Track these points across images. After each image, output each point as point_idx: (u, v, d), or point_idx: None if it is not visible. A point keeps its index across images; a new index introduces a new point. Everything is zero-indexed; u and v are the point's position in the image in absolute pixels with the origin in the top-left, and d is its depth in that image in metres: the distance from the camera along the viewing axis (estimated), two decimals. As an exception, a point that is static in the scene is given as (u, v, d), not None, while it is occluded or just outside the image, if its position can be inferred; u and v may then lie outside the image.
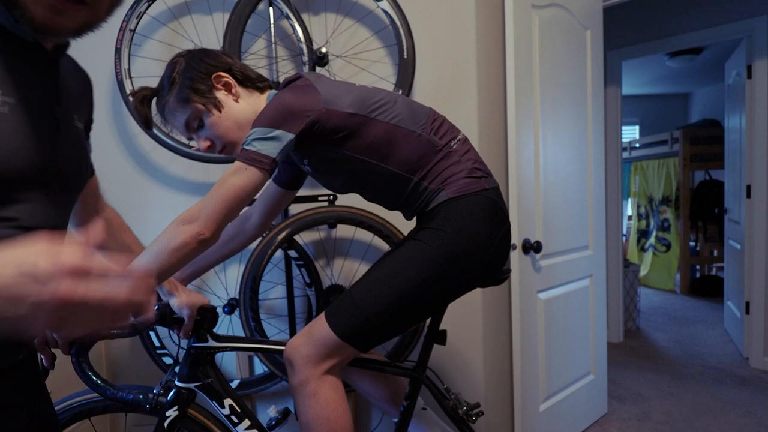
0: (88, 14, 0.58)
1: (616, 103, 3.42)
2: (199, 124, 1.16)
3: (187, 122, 1.17)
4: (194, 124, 1.17)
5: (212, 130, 1.16)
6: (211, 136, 1.17)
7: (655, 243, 5.24)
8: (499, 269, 1.20)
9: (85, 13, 0.57)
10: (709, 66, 4.91)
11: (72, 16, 0.56)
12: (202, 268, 1.37)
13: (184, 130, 1.19)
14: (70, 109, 0.72)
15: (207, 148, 1.18)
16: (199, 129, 1.17)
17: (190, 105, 1.14)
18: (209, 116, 1.15)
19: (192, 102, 1.14)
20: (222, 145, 1.18)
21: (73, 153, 0.72)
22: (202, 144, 1.18)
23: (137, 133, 1.87)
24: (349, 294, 1.12)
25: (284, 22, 1.81)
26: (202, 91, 1.14)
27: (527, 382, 1.90)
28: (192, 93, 1.14)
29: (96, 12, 0.58)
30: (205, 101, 1.15)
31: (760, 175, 2.93)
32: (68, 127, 0.71)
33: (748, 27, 2.97)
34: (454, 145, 1.18)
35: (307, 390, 1.10)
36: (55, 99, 0.68)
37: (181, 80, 1.15)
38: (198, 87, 1.14)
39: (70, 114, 0.72)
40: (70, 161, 0.71)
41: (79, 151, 0.75)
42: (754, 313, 3.01)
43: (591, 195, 2.26)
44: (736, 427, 2.27)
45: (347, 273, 1.89)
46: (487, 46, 1.87)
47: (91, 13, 0.58)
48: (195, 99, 1.14)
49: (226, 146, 1.19)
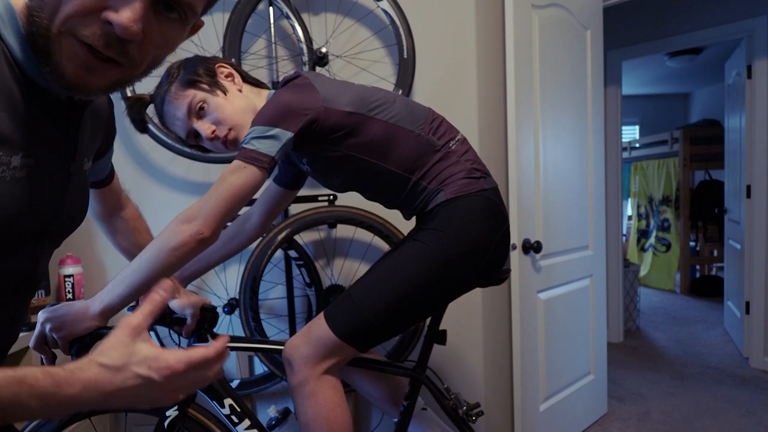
0: (121, 74, 0.55)
1: (616, 103, 3.42)
2: (202, 109, 1.13)
3: (189, 107, 1.13)
4: (197, 107, 1.13)
5: (217, 113, 1.13)
6: (216, 119, 1.14)
7: (655, 243, 5.24)
8: (498, 269, 1.20)
9: (119, 72, 0.54)
10: (709, 66, 4.91)
11: (104, 75, 0.54)
12: (202, 268, 1.36)
13: (185, 119, 1.15)
14: (81, 155, 0.70)
15: (212, 134, 1.14)
16: (202, 116, 1.14)
17: (195, 87, 1.13)
18: (214, 98, 1.14)
19: (197, 84, 1.13)
20: (227, 129, 1.14)
21: (77, 204, 0.71)
22: (206, 129, 1.14)
23: (137, 133, 1.86)
24: (349, 294, 1.12)
25: (284, 22, 1.81)
26: (207, 74, 1.15)
27: (527, 382, 1.90)
28: (197, 76, 1.14)
29: (131, 73, 0.56)
30: (210, 82, 1.14)
31: (760, 175, 2.93)
32: (78, 176, 0.69)
33: (748, 27, 2.97)
34: (452, 145, 1.18)
35: (306, 390, 1.10)
36: (73, 154, 0.66)
37: (184, 70, 1.15)
38: (203, 71, 1.15)
39: (81, 160, 0.70)
40: (73, 213, 0.70)
41: (83, 197, 0.74)
42: (754, 313, 3.00)
43: (591, 195, 2.26)
44: (736, 427, 2.27)
45: (347, 273, 1.89)
46: (487, 46, 1.87)
47: (126, 74, 0.55)
48: (200, 80, 1.13)
49: (232, 129, 1.15)
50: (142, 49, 0.53)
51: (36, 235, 0.63)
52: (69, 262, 1.80)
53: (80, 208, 0.73)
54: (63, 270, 1.78)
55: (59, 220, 0.67)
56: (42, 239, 0.65)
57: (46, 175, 0.61)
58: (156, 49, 0.55)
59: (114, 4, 0.49)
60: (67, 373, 0.49)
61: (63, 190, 0.66)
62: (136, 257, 0.97)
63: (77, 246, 1.89)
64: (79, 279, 1.80)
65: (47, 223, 0.64)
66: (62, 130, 0.63)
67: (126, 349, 0.53)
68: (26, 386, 0.46)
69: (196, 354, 0.55)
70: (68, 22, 0.49)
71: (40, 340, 0.99)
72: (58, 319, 0.97)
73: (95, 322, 0.98)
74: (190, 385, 0.56)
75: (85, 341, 0.99)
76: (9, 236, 0.58)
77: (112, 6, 0.49)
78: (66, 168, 0.65)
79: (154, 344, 0.55)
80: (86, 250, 1.90)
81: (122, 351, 0.53)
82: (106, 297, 0.96)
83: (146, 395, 0.53)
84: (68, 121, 0.64)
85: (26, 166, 0.56)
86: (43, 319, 0.97)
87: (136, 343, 0.54)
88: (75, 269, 1.80)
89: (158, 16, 0.52)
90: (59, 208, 0.65)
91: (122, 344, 0.53)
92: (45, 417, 0.51)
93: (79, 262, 1.83)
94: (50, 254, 0.71)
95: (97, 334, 1.00)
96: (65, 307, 0.98)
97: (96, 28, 0.50)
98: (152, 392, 0.53)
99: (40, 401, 0.47)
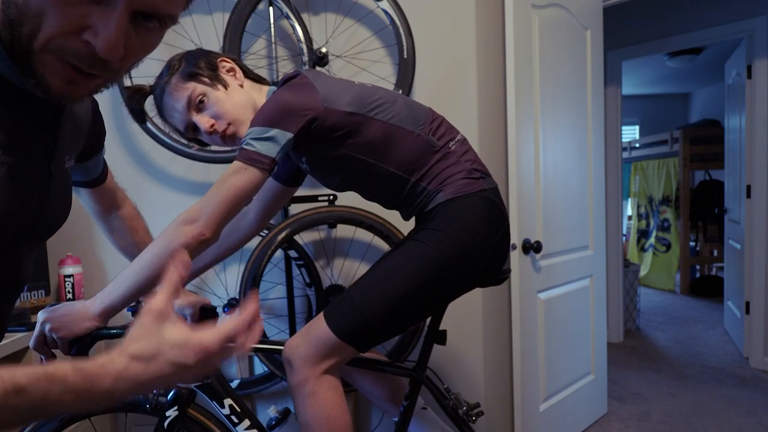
0: (103, 81, 0.56)
1: (616, 103, 3.42)
2: (202, 102, 1.13)
3: (189, 100, 1.13)
4: (197, 100, 1.13)
5: (217, 107, 1.13)
6: (216, 113, 1.13)
7: (655, 243, 5.24)
8: (498, 269, 1.20)
9: (101, 80, 0.55)
10: (709, 66, 4.91)
11: (88, 85, 0.54)
12: (199, 269, 1.35)
13: (184, 112, 1.14)
14: (62, 154, 0.69)
15: (210, 128, 1.13)
16: (202, 109, 1.14)
17: (196, 80, 1.13)
18: (215, 92, 1.13)
19: (198, 77, 1.13)
20: (226, 123, 1.14)
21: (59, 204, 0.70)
22: (205, 123, 1.13)
23: (137, 133, 1.87)
24: (349, 294, 1.12)
25: (284, 22, 1.81)
26: (209, 67, 1.14)
27: (527, 382, 1.90)
28: (198, 69, 1.13)
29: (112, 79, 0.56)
30: (211, 76, 1.14)
31: (760, 175, 2.93)
32: (59, 176, 0.68)
33: (748, 27, 2.97)
34: (452, 145, 1.18)
35: (306, 390, 1.09)
36: (52, 152, 0.65)
37: (186, 62, 1.15)
38: (205, 64, 1.14)
39: (61, 159, 0.69)
40: (55, 213, 0.69)
41: (65, 196, 0.73)
42: (754, 313, 3.01)
43: (591, 195, 2.26)
44: (736, 427, 2.27)
45: (347, 273, 1.89)
46: (487, 46, 1.87)
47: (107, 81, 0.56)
48: (201, 73, 1.13)
49: (231, 124, 1.14)
50: (123, 59, 0.53)
51: (18, 236, 0.62)
52: (69, 262, 1.80)
53: (62, 207, 0.72)
54: (63, 270, 1.78)
55: (41, 219, 0.66)
56: (24, 239, 0.64)
57: (27, 173, 0.60)
58: (135, 56, 0.55)
59: (94, 24, 0.48)
60: (97, 368, 0.49)
61: (44, 189, 0.65)
62: (137, 258, 0.97)
63: (77, 246, 1.89)
64: (79, 279, 1.80)
65: (29, 222, 0.63)
66: (41, 128, 0.62)
67: (155, 337, 0.52)
68: (57, 383, 0.46)
69: (228, 328, 0.54)
70: (51, 42, 0.49)
71: (40, 340, 0.99)
72: (58, 319, 0.97)
73: (95, 323, 0.98)
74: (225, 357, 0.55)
75: (85, 341, 0.99)
76: None
77: (92, 26, 0.48)
78: (46, 166, 0.64)
79: (182, 325, 0.54)
80: (86, 250, 1.91)
81: (152, 339, 0.52)
82: (106, 297, 0.96)
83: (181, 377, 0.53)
84: (47, 119, 0.63)
85: (5, 164, 0.56)
86: (43, 319, 0.97)
87: (164, 328, 0.52)
88: (75, 269, 1.80)
89: (137, 27, 0.52)
90: (41, 207, 0.65)
91: (150, 332, 0.52)
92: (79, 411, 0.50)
93: (79, 262, 1.83)
94: (33, 255, 0.70)
95: (97, 334, 1.00)
96: (65, 307, 0.98)
97: (79, 47, 0.49)
98: (188, 373, 0.53)
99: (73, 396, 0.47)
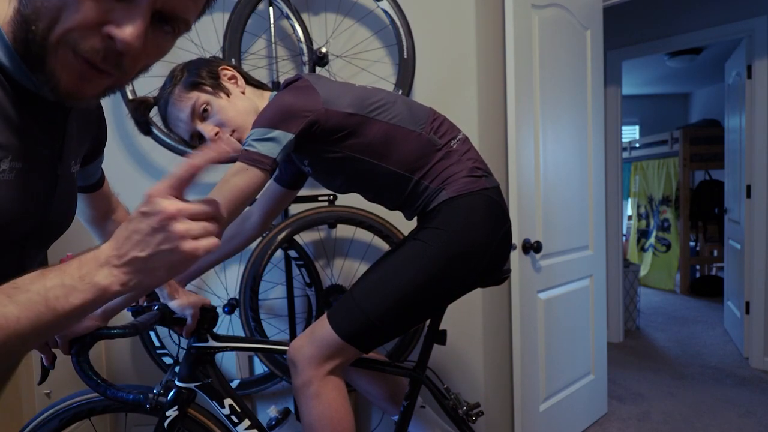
0: (113, 82, 0.56)
1: (616, 103, 3.42)
2: (206, 111, 1.15)
3: (193, 109, 1.15)
4: (201, 109, 1.15)
5: (221, 114, 1.15)
6: (220, 121, 1.15)
7: (655, 243, 5.24)
8: (499, 269, 1.20)
9: (110, 81, 0.55)
10: (709, 66, 4.91)
11: (98, 83, 0.54)
12: (201, 268, 1.36)
13: (189, 121, 1.16)
14: (69, 158, 0.69)
15: (215, 135, 1.15)
16: (206, 118, 1.16)
17: (199, 89, 1.14)
18: (218, 100, 1.15)
19: (201, 86, 1.14)
20: (231, 130, 1.16)
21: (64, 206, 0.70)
22: (209, 131, 1.15)
23: (137, 133, 1.86)
24: (351, 295, 1.12)
25: (284, 22, 1.81)
26: (210, 77, 1.16)
27: (527, 382, 1.90)
28: (200, 78, 1.15)
29: (122, 81, 0.56)
30: (213, 84, 1.15)
31: (760, 175, 2.93)
32: (65, 179, 0.69)
33: (748, 27, 2.97)
34: (454, 144, 1.18)
35: (310, 391, 1.10)
36: (59, 156, 0.65)
37: (187, 72, 1.16)
38: (206, 73, 1.16)
39: (68, 163, 0.69)
40: (60, 216, 0.69)
41: (71, 200, 0.73)
42: (754, 313, 3.01)
43: (591, 195, 2.26)
44: (736, 427, 2.27)
45: (347, 273, 1.89)
46: (487, 46, 1.87)
47: (117, 82, 0.56)
48: (203, 83, 1.15)
49: (236, 131, 1.16)
50: (136, 59, 0.53)
51: (23, 239, 0.62)
52: (69, 262, 1.79)
53: (68, 210, 0.72)
54: (63, 270, 1.78)
55: (47, 223, 0.66)
56: (29, 243, 0.64)
57: (35, 177, 0.60)
58: (147, 58, 0.55)
59: (116, 19, 0.49)
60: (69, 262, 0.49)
61: (51, 192, 0.65)
62: None
63: (77, 246, 1.88)
64: (79, 279, 1.80)
65: (35, 226, 0.63)
66: (49, 132, 0.62)
67: None
68: (29, 280, 0.47)
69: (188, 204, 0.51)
70: (68, 35, 0.49)
71: (39, 340, 0.99)
72: None
73: (95, 322, 0.98)
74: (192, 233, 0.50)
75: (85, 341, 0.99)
76: None
77: (114, 21, 0.49)
78: (53, 170, 0.65)
79: None
80: (86, 250, 1.90)
81: None
82: (106, 297, 0.96)
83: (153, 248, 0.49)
84: (55, 123, 0.63)
85: (15, 169, 0.56)
86: (44, 319, 0.97)
87: None
88: (75, 269, 1.79)
89: (154, 29, 0.53)
90: (47, 210, 0.65)
91: None
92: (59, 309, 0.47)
93: (79, 262, 1.82)
94: (38, 258, 0.70)
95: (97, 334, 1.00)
96: None
97: (95, 42, 0.50)
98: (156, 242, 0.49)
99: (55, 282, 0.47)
